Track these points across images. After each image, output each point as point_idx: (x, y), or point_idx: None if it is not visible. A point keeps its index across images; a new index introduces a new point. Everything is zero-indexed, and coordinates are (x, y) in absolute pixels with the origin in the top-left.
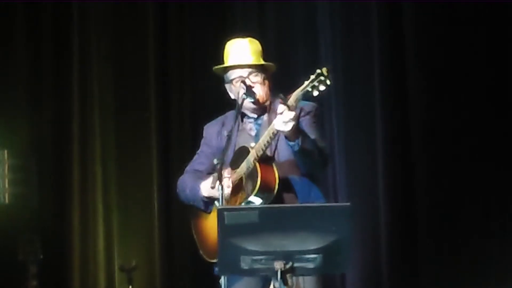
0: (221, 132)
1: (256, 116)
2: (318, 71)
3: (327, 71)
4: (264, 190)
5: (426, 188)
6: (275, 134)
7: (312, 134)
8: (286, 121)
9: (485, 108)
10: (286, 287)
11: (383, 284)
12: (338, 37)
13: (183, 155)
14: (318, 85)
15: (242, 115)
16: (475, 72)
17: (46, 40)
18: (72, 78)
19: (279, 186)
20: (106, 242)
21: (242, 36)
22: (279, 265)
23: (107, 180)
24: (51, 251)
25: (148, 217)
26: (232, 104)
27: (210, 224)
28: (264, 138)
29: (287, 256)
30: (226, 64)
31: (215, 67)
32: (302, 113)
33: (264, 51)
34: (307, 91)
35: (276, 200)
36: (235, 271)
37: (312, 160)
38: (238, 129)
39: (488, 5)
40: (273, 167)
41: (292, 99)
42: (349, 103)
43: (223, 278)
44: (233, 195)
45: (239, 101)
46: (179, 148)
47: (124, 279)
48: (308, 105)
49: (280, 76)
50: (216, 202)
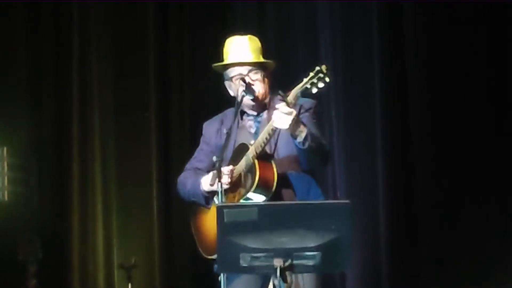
0: (220, 129)
1: (255, 114)
2: (317, 68)
3: (326, 68)
4: (262, 187)
5: (426, 187)
6: (274, 131)
7: (313, 130)
8: (282, 117)
9: (485, 108)
10: (286, 285)
11: (383, 284)
12: (338, 36)
13: (183, 155)
14: (317, 82)
15: (242, 112)
16: (475, 72)
17: (46, 40)
18: (72, 77)
19: (277, 183)
20: (105, 241)
21: (241, 34)
22: (278, 262)
23: (106, 180)
24: (50, 250)
25: (148, 216)
26: (231, 102)
27: (209, 221)
28: (263, 135)
29: (286, 253)
30: (226, 61)
31: (215, 64)
32: (302, 110)
33: (264, 48)
34: (306, 88)
35: (275, 197)
36: (234, 269)
37: (316, 157)
38: (238, 126)
39: (488, 5)
40: (272, 164)
41: (291, 96)
42: (349, 102)
43: (222, 275)
44: (231, 192)
45: (239, 98)
46: (179, 148)
47: (124, 277)
48: (307, 102)
49: (280, 76)
50: (216, 199)
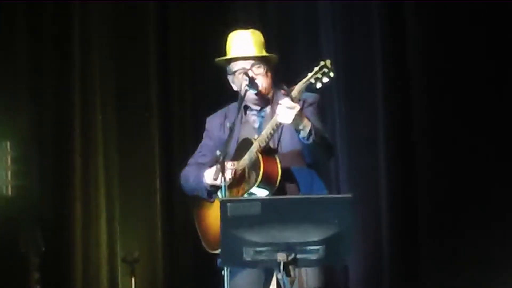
0: (223, 124)
1: (259, 108)
2: (322, 63)
3: (331, 63)
4: (266, 182)
5: (428, 183)
6: (278, 125)
7: (316, 125)
8: (286, 112)
9: (487, 106)
10: (289, 279)
11: (384, 279)
12: (340, 32)
13: (186, 147)
14: (322, 77)
15: (245, 107)
16: (477, 68)
17: (47, 34)
18: (74, 69)
19: (281, 178)
20: (108, 234)
21: (244, 28)
22: (281, 256)
23: (109, 173)
24: (53, 243)
25: (151, 208)
26: (234, 96)
27: (212, 216)
28: (267, 130)
29: (289, 247)
30: (229, 55)
31: (218, 58)
32: (305, 104)
33: (267, 43)
34: (310, 83)
35: (279, 192)
36: (237, 263)
37: (321, 151)
38: (241, 121)
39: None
40: (275, 159)
41: (295, 91)
42: (351, 97)
43: (225, 269)
44: (235, 186)
45: (242, 92)
46: (182, 141)
47: (127, 270)
48: (310, 96)
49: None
50: (219, 193)
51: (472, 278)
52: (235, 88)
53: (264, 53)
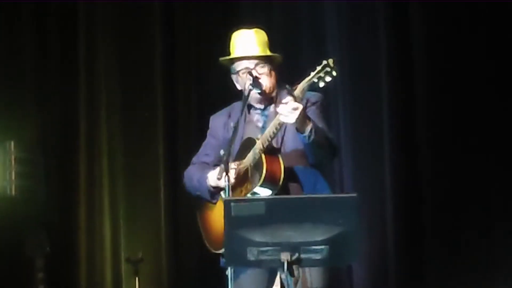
0: (227, 123)
1: (262, 108)
2: (324, 62)
3: (333, 62)
4: (269, 181)
5: (433, 184)
6: (281, 125)
7: (319, 124)
8: (289, 111)
9: (491, 105)
10: (293, 279)
11: (390, 278)
12: (345, 31)
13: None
14: (324, 76)
15: (249, 106)
16: (482, 69)
17: (53, 35)
18: (80, 71)
19: (284, 177)
20: (112, 235)
21: (248, 27)
22: (285, 256)
23: (113, 174)
24: (58, 244)
25: (155, 210)
26: (238, 97)
27: (216, 215)
28: (270, 129)
29: (293, 247)
30: (233, 55)
31: (222, 58)
32: (308, 103)
33: (271, 42)
34: (313, 82)
35: (282, 191)
36: (241, 263)
37: (323, 151)
38: (245, 120)
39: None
40: (278, 158)
41: (298, 90)
42: (355, 97)
43: (229, 269)
44: (238, 186)
45: (246, 92)
46: (186, 141)
47: (131, 271)
48: (314, 95)
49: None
50: (222, 193)
51: (476, 279)
52: (239, 87)
53: (268, 52)
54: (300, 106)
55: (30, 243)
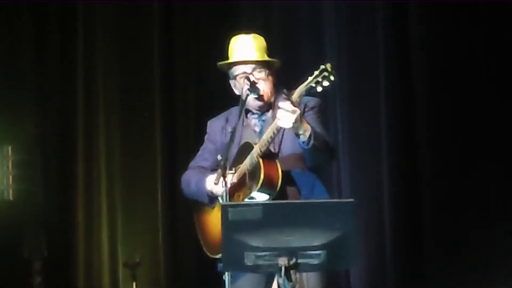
0: (225, 128)
1: (260, 112)
2: (322, 66)
3: (331, 67)
4: (267, 186)
5: (431, 185)
6: (279, 130)
7: (317, 128)
8: (286, 115)
9: (491, 105)
10: (290, 283)
11: (388, 281)
12: (343, 35)
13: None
14: (322, 80)
15: (247, 111)
16: (481, 69)
17: (52, 37)
18: (77, 74)
19: (282, 182)
20: (110, 238)
21: (246, 32)
22: (283, 261)
23: (111, 177)
24: (55, 247)
25: (153, 213)
26: (236, 100)
27: (213, 220)
28: (268, 134)
29: (291, 252)
30: (231, 60)
31: (219, 63)
32: (306, 108)
33: (269, 47)
34: (311, 86)
35: (279, 196)
36: (238, 268)
37: (321, 155)
38: (243, 125)
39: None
40: (276, 163)
41: (295, 95)
42: (354, 100)
43: (226, 274)
44: (236, 191)
45: (243, 97)
46: (184, 144)
47: (128, 275)
48: (312, 100)
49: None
50: (220, 198)
51: (476, 279)
52: (236, 92)
53: (266, 57)
54: (297, 111)
55: (28, 246)
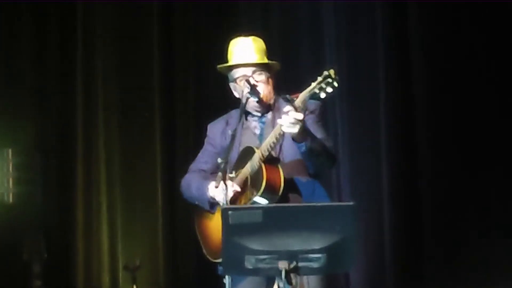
0: (225, 131)
1: (260, 115)
2: (326, 73)
3: (335, 73)
4: (269, 191)
5: (431, 189)
6: (282, 135)
7: (318, 132)
8: (293, 122)
9: (491, 105)
10: (291, 287)
11: (388, 281)
12: (343, 37)
13: (188, 153)
14: (326, 87)
15: (246, 113)
16: (481, 69)
17: (51, 39)
18: (77, 76)
19: (284, 187)
20: (110, 241)
21: (246, 35)
22: (283, 264)
23: (111, 179)
24: (55, 250)
25: (152, 215)
26: (236, 103)
27: (214, 224)
28: (270, 139)
29: (291, 255)
30: (230, 62)
31: (219, 65)
32: (307, 112)
33: (268, 49)
34: (314, 92)
35: (281, 200)
36: (239, 271)
37: (320, 160)
38: (242, 127)
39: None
40: (278, 168)
41: (299, 101)
42: (353, 103)
43: (227, 277)
44: (238, 196)
45: (243, 100)
46: (184, 146)
47: (128, 278)
48: (312, 103)
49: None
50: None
51: (476, 279)
52: (236, 95)
53: (266, 60)
54: (302, 119)
55: (27, 248)
